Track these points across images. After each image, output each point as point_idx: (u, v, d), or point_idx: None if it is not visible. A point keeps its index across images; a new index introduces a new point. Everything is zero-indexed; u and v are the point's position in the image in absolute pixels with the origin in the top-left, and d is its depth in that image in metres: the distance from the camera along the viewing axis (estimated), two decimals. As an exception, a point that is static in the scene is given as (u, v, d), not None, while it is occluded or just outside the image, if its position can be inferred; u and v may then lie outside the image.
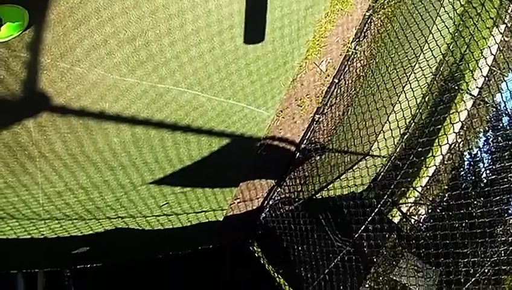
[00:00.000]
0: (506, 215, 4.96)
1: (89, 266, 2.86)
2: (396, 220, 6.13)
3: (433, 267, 4.02)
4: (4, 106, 2.00)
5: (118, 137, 2.41)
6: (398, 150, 5.54)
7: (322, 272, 3.33)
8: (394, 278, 4.24)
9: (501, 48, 4.73)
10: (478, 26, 3.36)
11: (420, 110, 5.69)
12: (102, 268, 2.89)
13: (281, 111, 3.26)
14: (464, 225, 3.38)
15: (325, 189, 3.94)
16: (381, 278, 4.75)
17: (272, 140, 3.31)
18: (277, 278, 3.71)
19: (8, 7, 1.79)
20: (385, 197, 4.05)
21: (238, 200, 3.41)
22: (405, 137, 5.67)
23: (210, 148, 2.86)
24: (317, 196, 3.82)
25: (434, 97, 6.15)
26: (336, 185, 4.01)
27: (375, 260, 3.88)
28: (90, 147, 2.35)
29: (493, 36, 3.64)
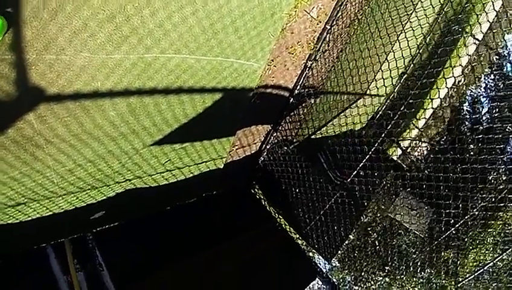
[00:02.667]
0: (498, 163, 5.46)
1: (106, 227, 3.45)
2: (395, 157, 6.66)
3: (427, 207, 4.62)
4: (3, 106, 2.26)
5: (114, 110, 2.71)
6: (396, 89, 5.76)
7: (318, 213, 3.94)
8: (390, 215, 4.91)
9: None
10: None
11: (420, 51, 5.73)
12: (118, 226, 3.50)
13: (272, 60, 3.45)
14: (457, 168, 3.79)
15: (322, 129, 4.32)
16: (379, 215, 5.47)
17: (264, 88, 3.56)
18: (278, 219, 4.37)
19: None
20: (383, 135, 4.44)
21: (236, 147, 3.83)
22: (404, 77, 5.83)
23: (204, 105, 3.16)
24: (314, 136, 4.21)
25: (436, 38, 6.12)
26: (333, 124, 4.37)
27: (371, 198, 4.43)
28: (90, 124, 2.66)
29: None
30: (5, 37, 2.06)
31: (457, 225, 4.99)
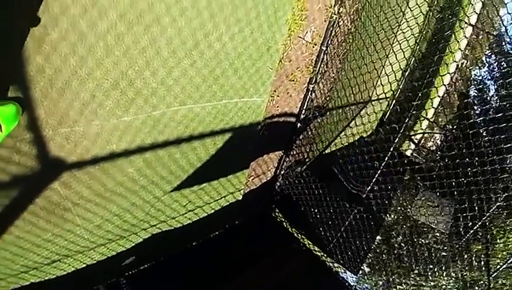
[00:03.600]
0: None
1: (137, 270, 3.50)
2: (408, 153, 6.47)
3: (448, 202, 4.42)
4: (29, 180, 2.33)
5: (132, 167, 2.75)
6: (401, 87, 5.62)
7: (339, 231, 3.85)
8: (412, 215, 4.74)
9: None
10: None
11: (419, 45, 5.60)
12: (148, 268, 3.54)
13: (275, 91, 3.43)
14: (473, 153, 3.60)
15: (333, 144, 4.25)
16: (401, 216, 5.30)
17: (271, 119, 3.55)
18: (301, 239, 4.30)
19: (3, 106, 1.98)
20: (394, 133, 4.32)
21: (252, 177, 3.81)
22: (406, 73, 5.69)
23: (215, 146, 3.17)
24: (326, 152, 4.14)
25: (432, 29, 5.97)
26: (343, 136, 4.28)
27: (392, 202, 4.30)
28: (111, 183, 2.71)
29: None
30: (21, 119, 2.09)
31: (483, 218, 4.73)
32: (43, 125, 2.22)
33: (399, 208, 5.67)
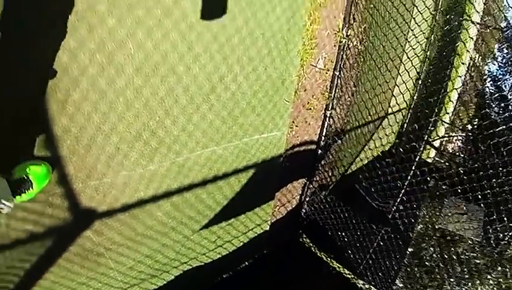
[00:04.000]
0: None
1: None
2: (430, 159, 6.18)
3: (477, 208, 4.15)
4: (62, 230, 2.39)
5: (160, 211, 2.76)
6: (416, 95, 5.41)
7: (368, 252, 3.69)
8: (441, 226, 4.48)
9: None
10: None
11: (428, 52, 5.40)
12: None
13: (293, 122, 3.39)
14: (494, 154, 3.36)
15: (354, 163, 4.12)
16: (430, 227, 5.02)
17: (292, 149, 3.51)
18: (330, 263, 4.16)
19: (34, 167, 2.04)
20: (414, 143, 4.14)
21: (278, 207, 3.75)
22: (419, 81, 5.48)
23: (240, 183, 3.15)
24: (348, 172, 4.02)
25: (439, 33, 5.76)
26: (364, 154, 4.16)
27: (418, 215, 4.09)
28: (141, 227, 2.74)
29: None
30: (51, 176, 2.17)
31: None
32: (73, 179, 2.29)
33: (427, 219, 5.37)
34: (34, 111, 1.95)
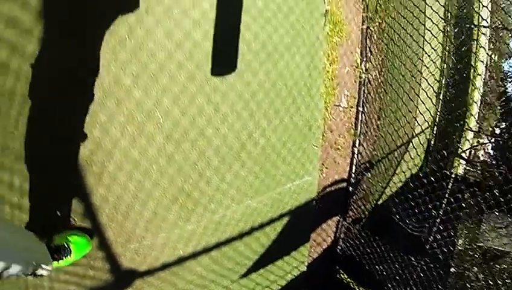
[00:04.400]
0: None
1: None
2: (461, 171, 5.78)
3: None
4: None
5: (199, 266, 2.76)
6: (439, 110, 5.11)
7: (408, 284, 3.45)
8: (482, 245, 4.16)
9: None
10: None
11: (445, 66, 5.12)
12: None
13: (322, 164, 3.33)
14: None
15: (385, 193, 3.93)
16: (470, 247, 4.66)
17: (323, 191, 3.45)
18: None
19: (76, 237, 2.08)
20: (443, 160, 3.89)
21: (313, 247, 3.64)
22: (441, 96, 5.17)
23: (275, 231, 3.11)
24: (380, 202, 3.83)
25: (454, 43, 5.47)
26: (393, 182, 3.96)
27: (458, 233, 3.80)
28: (181, 283, 2.74)
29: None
30: (92, 242, 2.19)
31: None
32: (113, 244, 2.33)
33: (466, 238, 4.96)
34: (70, 185, 2.01)
